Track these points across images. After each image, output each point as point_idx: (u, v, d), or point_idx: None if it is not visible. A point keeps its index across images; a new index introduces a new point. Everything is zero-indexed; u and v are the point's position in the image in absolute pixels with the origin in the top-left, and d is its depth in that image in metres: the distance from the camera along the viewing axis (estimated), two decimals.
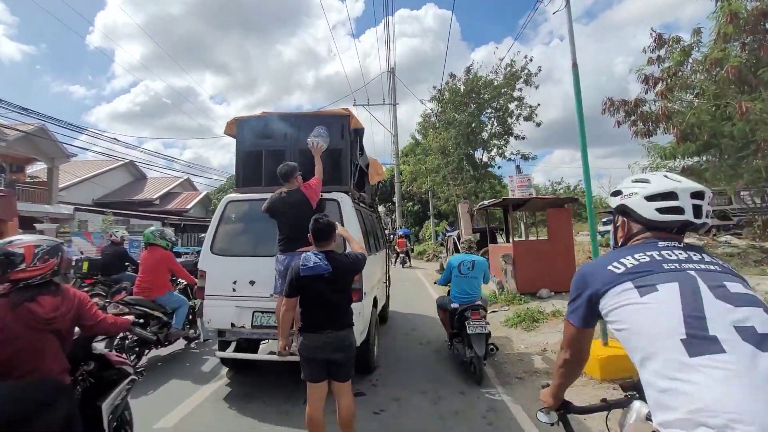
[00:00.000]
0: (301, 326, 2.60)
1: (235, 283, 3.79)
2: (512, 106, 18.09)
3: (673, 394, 0.82)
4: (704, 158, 9.72)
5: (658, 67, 9.36)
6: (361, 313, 3.72)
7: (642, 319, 0.95)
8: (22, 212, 13.90)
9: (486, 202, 9.66)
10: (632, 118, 9.41)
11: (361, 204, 4.88)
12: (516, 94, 17.72)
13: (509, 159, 19.15)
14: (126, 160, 21.27)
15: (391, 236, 16.13)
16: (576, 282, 1.16)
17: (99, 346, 2.39)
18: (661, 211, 1.08)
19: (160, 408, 3.45)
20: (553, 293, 7.56)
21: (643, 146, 9.79)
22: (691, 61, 8.93)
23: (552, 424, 1.39)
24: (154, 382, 4.10)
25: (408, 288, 11.23)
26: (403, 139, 32.32)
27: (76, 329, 2.02)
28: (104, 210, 15.93)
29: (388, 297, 6.84)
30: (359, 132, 4.46)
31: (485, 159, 19.54)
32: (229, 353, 3.82)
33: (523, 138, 18.66)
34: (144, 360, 4.48)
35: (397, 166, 25.78)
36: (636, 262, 1.03)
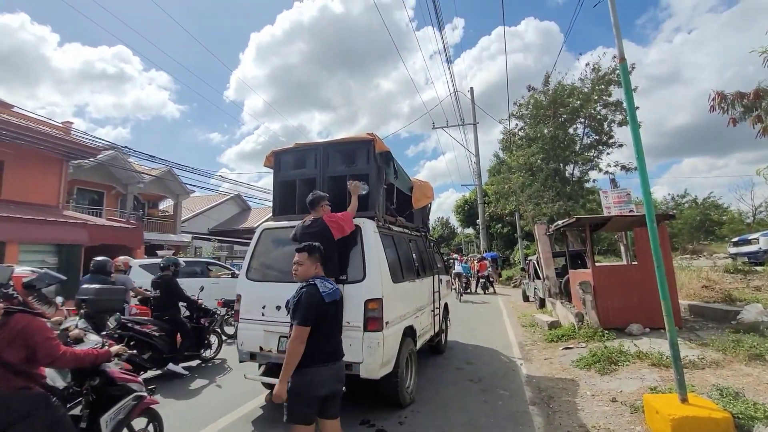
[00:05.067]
0: (308, 360, 2.31)
1: (264, 307, 3.95)
2: (606, 111, 16.26)
3: None
4: None
5: None
6: (381, 344, 3.55)
7: None
8: (152, 240, 16.79)
9: (560, 222, 8.61)
10: (755, 112, 7.64)
11: (394, 228, 4.74)
12: (612, 99, 15.91)
13: (606, 172, 17.03)
14: (233, 194, 24.43)
15: (452, 261, 15.47)
16: None
17: (110, 364, 2.62)
18: None
19: (195, 423, 3.69)
20: (647, 330, 6.29)
21: None
22: None
23: None
24: (197, 399, 4.44)
25: (481, 315, 10.53)
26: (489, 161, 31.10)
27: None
28: (211, 237, 18.38)
29: (444, 327, 6.45)
30: (388, 156, 4.40)
31: (577, 174, 17.73)
32: (256, 376, 3.95)
33: (620, 146, 16.51)
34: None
35: (479, 186, 24.89)
36: None
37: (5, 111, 12.88)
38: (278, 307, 3.86)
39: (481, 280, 16.76)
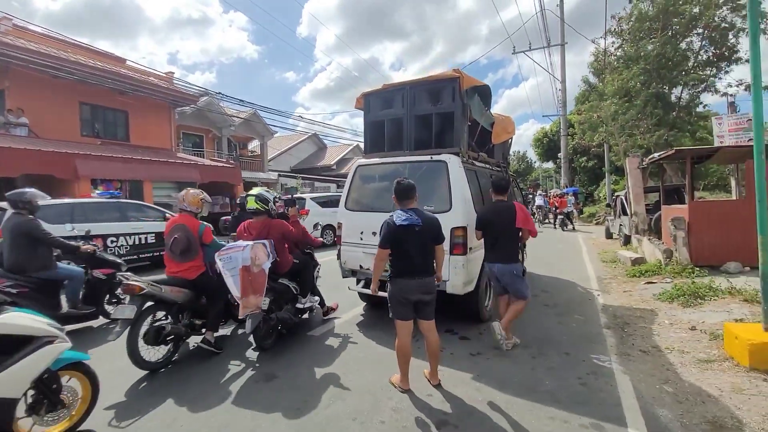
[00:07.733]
0: (394, 273, 2.99)
1: (361, 233, 4.61)
2: (733, 17, 13.46)
3: None
4: None
5: None
6: (464, 266, 4.03)
7: None
8: (245, 178, 18.79)
9: (656, 155, 7.89)
10: None
11: (477, 164, 4.96)
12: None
13: (724, 94, 14.49)
14: (310, 133, 25.65)
15: (530, 196, 15.39)
16: None
17: None
18: None
19: (310, 324, 4.67)
20: (746, 268, 5.96)
21: None
22: None
23: None
24: None
25: (558, 251, 10.53)
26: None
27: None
28: (295, 175, 19.95)
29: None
30: (478, 90, 4.50)
31: (686, 97, 15.41)
32: (358, 288, 4.75)
33: (747, 62, 13.78)
34: None
35: (563, 116, 22.90)
36: None
37: (121, 65, 14.70)
38: (374, 233, 4.48)
39: (559, 217, 16.28)
